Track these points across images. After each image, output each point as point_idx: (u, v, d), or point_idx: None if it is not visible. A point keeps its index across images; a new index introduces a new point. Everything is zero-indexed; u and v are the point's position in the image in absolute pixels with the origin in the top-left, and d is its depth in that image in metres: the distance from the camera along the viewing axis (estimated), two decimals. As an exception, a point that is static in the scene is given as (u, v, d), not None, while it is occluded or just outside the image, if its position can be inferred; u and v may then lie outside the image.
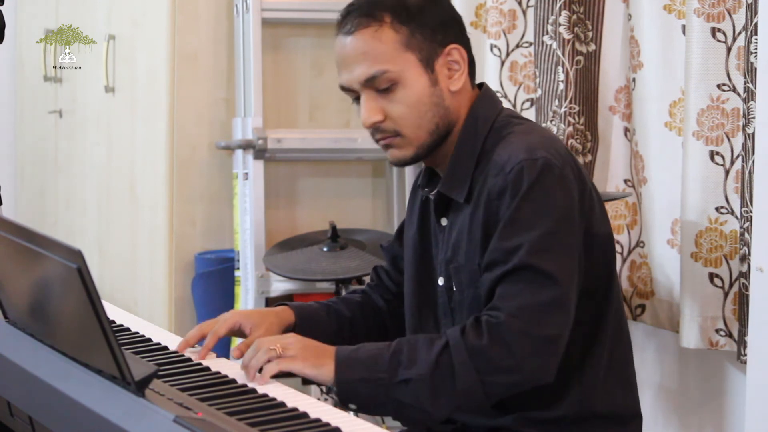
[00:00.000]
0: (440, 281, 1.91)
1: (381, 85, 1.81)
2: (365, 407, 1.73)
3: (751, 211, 2.42)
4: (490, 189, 1.78)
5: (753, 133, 2.39)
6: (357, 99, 1.86)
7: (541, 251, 1.72)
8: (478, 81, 1.94)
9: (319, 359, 1.71)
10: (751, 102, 2.42)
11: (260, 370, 1.69)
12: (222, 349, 1.89)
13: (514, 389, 1.75)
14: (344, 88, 1.86)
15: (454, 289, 1.87)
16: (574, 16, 2.87)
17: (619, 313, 1.90)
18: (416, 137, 1.83)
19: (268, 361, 1.70)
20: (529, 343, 1.70)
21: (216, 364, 1.79)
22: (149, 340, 1.92)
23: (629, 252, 2.88)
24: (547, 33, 2.91)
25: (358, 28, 1.81)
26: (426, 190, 1.94)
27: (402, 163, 1.88)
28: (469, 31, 1.91)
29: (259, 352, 1.70)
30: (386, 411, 1.74)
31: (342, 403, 1.73)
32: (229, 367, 1.76)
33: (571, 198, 1.77)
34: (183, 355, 1.82)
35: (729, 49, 2.51)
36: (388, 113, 1.82)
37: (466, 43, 1.88)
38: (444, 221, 1.90)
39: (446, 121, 1.84)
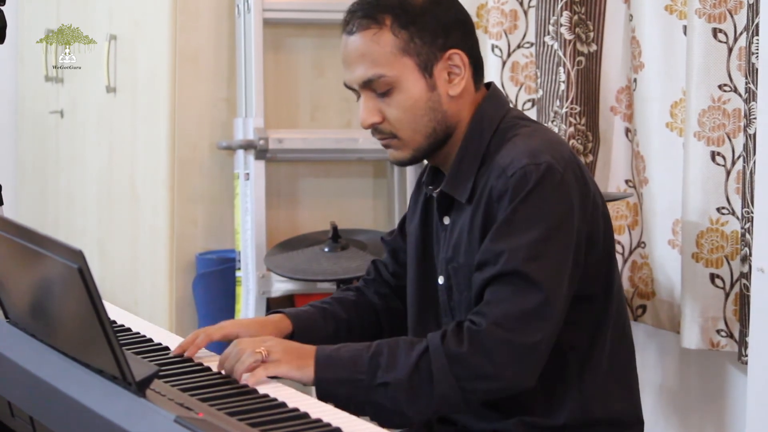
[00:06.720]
0: (440, 280, 1.92)
1: (378, 89, 1.82)
2: (344, 408, 1.70)
3: (752, 212, 2.42)
4: (492, 191, 1.78)
5: (754, 134, 2.39)
6: (360, 96, 1.87)
7: (530, 258, 1.72)
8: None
9: (302, 360, 1.73)
10: (752, 102, 2.42)
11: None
12: (219, 352, 1.89)
13: (495, 395, 1.78)
14: (347, 86, 1.87)
15: (454, 288, 1.88)
16: (576, 17, 2.86)
17: (621, 317, 1.89)
18: (412, 140, 1.84)
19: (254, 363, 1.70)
20: (510, 351, 1.71)
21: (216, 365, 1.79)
22: (150, 340, 1.92)
23: (630, 252, 2.88)
24: (549, 33, 2.91)
25: (359, 29, 1.82)
26: (430, 187, 1.94)
27: (401, 164, 1.91)
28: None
29: (244, 354, 1.70)
30: (364, 412, 1.74)
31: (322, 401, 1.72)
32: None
33: (569, 204, 1.76)
34: (183, 356, 1.82)
35: (730, 50, 2.51)
36: (385, 115, 1.84)
37: (471, 46, 1.87)
38: (447, 220, 1.90)
39: (444, 126, 1.84)
